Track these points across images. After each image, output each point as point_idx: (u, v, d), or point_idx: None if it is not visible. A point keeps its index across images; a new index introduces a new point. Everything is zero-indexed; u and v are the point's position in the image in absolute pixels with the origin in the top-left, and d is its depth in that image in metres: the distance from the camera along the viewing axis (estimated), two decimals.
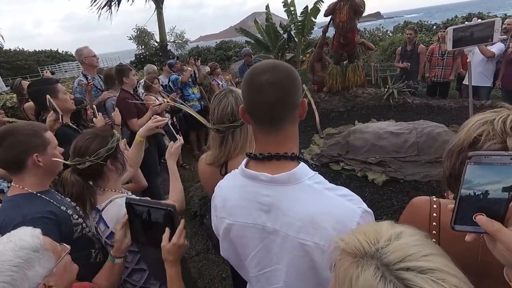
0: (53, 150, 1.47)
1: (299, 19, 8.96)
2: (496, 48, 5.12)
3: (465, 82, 5.60)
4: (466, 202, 0.64)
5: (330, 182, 0.93)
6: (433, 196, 1.05)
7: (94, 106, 3.07)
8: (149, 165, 3.63)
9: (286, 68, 0.90)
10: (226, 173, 1.48)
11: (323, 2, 8.83)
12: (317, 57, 6.50)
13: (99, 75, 4.12)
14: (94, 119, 2.89)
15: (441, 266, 0.53)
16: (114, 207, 1.45)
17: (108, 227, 1.44)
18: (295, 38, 9.05)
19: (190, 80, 5.72)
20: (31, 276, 0.90)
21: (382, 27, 14.50)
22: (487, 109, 0.94)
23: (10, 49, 30.97)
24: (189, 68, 5.67)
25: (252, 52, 8.23)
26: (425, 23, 13.79)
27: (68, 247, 1.08)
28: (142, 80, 5.12)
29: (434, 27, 12.57)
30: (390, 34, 12.86)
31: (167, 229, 1.21)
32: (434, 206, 1.00)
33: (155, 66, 5.85)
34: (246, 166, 1.00)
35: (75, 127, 2.50)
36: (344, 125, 5.41)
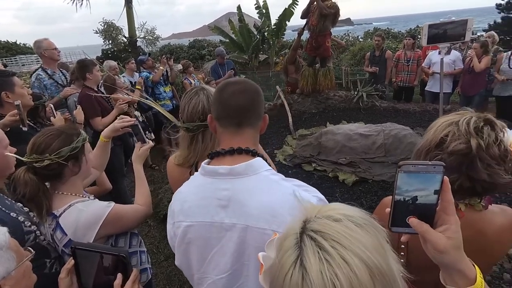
0: (2, 149, 1.34)
1: (273, 21, 9.03)
2: (453, 56, 5.51)
3: (428, 88, 5.95)
4: (399, 206, 0.68)
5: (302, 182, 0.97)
6: None
7: (52, 105, 2.82)
8: (114, 166, 3.46)
9: (255, 85, 1.03)
10: None
11: (297, 5, 8.97)
12: (291, 59, 6.56)
13: (61, 69, 3.90)
14: (52, 118, 2.67)
15: (352, 249, 0.51)
16: (73, 213, 1.33)
17: (66, 235, 1.32)
18: (269, 40, 9.11)
19: (161, 78, 5.57)
20: None
21: (351, 33, 14.97)
22: (448, 113, 0.99)
23: None
24: (161, 67, 5.51)
25: (226, 52, 8.17)
26: (392, 30, 14.40)
27: (33, 251, 0.98)
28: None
29: (400, 35, 13.14)
30: (361, 40, 13.28)
31: (119, 275, 1.08)
32: None
33: (114, 62, 5.55)
34: (208, 164, 1.01)
35: (32, 124, 2.32)
36: (316, 126, 5.50)
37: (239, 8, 9.87)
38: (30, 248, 1.00)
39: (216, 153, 0.99)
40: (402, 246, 1.02)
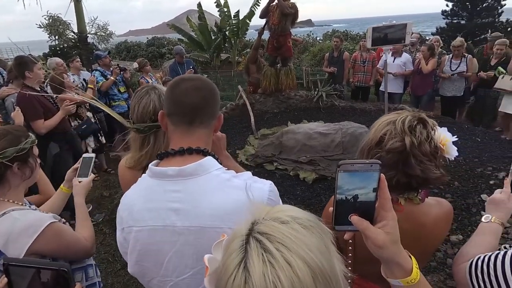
0: None
1: (234, 21, 9.02)
2: (404, 58, 5.87)
3: (381, 88, 6.28)
4: (341, 205, 0.70)
5: None
6: None
7: None
8: (61, 173, 3.28)
9: (210, 82, 1.00)
10: None
11: (258, 5, 9.02)
12: (252, 59, 6.61)
13: None
14: None
15: (295, 256, 0.51)
16: (7, 222, 1.22)
17: None
18: (231, 39, 9.09)
19: (117, 78, 5.31)
20: None
21: (313, 33, 15.38)
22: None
23: None
24: (112, 78, 5.20)
25: (186, 51, 8.01)
26: (350, 32, 15.01)
27: None
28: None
29: (357, 36, 13.74)
30: (320, 41, 13.69)
31: None
32: None
33: (59, 59, 5.20)
34: (157, 165, 0.97)
35: None
36: (277, 126, 5.59)
37: (199, 5, 9.72)
38: None
39: (165, 154, 0.96)
40: (350, 241, 1.07)
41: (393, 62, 5.85)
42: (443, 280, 2.38)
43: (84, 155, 1.72)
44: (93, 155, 1.72)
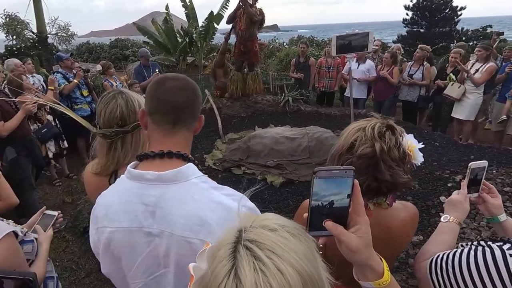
0: None
1: (201, 24, 8.92)
2: (368, 64, 6.10)
3: (346, 94, 6.50)
4: (316, 211, 0.71)
5: (231, 186, 0.96)
6: None
7: None
8: (20, 179, 3.07)
9: (194, 83, 1.00)
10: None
11: (226, 8, 8.99)
12: (219, 63, 6.55)
13: None
14: None
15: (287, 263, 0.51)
16: None
17: None
18: (197, 43, 8.97)
19: (80, 81, 5.05)
20: None
21: (277, 39, 15.62)
22: (363, 117, 1.09)
23: None
24: (76, 81, 4.97)
25: (151, 53, 7.79)
26: (316, 38, 15.43)
27: None
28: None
29: (323, 43, 14.14)
30: (286, 46, 13.93)
31: None
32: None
33: (17, 60, 4.91)
34: (136, 167, 0.96)
35: None
36: (245, 130, 5.57)
37: (167, 7, 9.51)
38: None
39: (144, 156, 0.94)
40: (321, 245, 1.07)
41: (357, 68, 6.05)
42: (405, 279, 2.46)
43: (46, 211, 1.66)
44: (55, 213, 1.65)
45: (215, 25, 8.90)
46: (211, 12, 8.71)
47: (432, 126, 6.15)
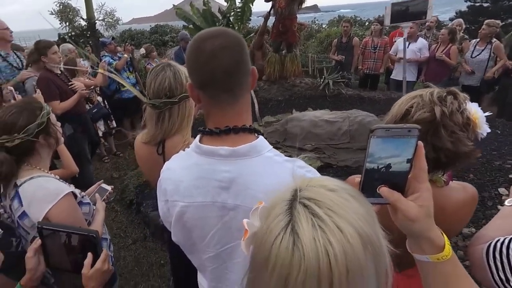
0: None
1: (238, 5, 8.79)
2: (420, 43, 5.49)
3: (393, 76, 5.96)
4: (370, 174, 0.64)
5: None
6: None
7: (11, 88, 2.72)
8: (77, 153, 3.30)
9: (234, 33, 0.86)
10: (163, 152, 1.43)
11: None
12: (257, 45, 6.44)
13: (15, 51, 3.67)
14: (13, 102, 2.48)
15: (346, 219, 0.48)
16: (32, 185, 1.34)
17: (22, 205, 1.33)
18: (234, 25, 8.88)
19: (127, 60, 5.33)
20: None
21: (317, 20, 15.03)
22: None
23: None
24: (125, 55, 5.28)
25: (190, 37, 7.86)
26: (358, 18, 14.63)
27: None
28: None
29: (367, 22, 13.35)
30: (326, 27, 13.38)
31: (89, 254, 1.09)
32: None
33: (71, 45, 5.23)
34: (200, 142, 0.92)
35: None
36: (282, 113, 5.46)
37: None
38: None
39: (209, 132, 0.90)
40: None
41: (408, 47, 5.45)
42: None
43: (102, 184, 1.81)
44: (109, 188, 1.79)
45: (251, 6, 8.69)
46: None
47: (498, 112, 5.22)
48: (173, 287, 2.05)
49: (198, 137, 0.94)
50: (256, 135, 0.91)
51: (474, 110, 0.92)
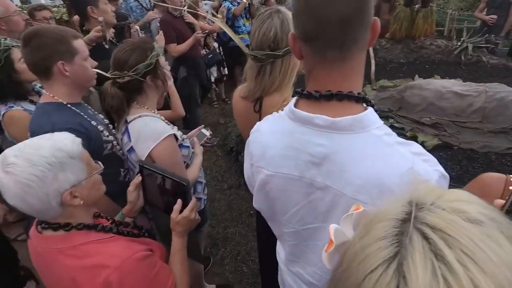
0: (81, 61, 1.39)
1: None
2: None
3: None
4: None
5: None
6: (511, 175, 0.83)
7: (138, 27, 2.99)
8: (188, 95, 3.59)
9: None
10: (260, 110, 1.36)
11: None
12: None
13: None
14: None
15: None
16: (140, 123, 1.41)
17: (130, 141, 1.42)
18: None
19: (243, 11, 5.37)
20: (61, 180, 0.90)
21: None
22: None
23: None
24: (244, 1, 5.26)
25: None
26: None
27: (102, 166, 1.08)
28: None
29: None
30: None
31: (179, 201, 1.14)
32: (511, 187, 0.80)
33: None
34: (295, 106, 0.80)
35: (116, 42, 2.44)
36: (401, 78, 4.89)
37: None
38: (100, 163, 1.08)
39: (307, 95, 0.77)
40: None
41: None
42: None
43: (203, 129, 1.85)
44: (208, 134, 1.83)
45: None
46: None
47: None
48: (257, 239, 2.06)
49: (293, 99, 0.83)
50: (364, 105, 0.75)
51: None
